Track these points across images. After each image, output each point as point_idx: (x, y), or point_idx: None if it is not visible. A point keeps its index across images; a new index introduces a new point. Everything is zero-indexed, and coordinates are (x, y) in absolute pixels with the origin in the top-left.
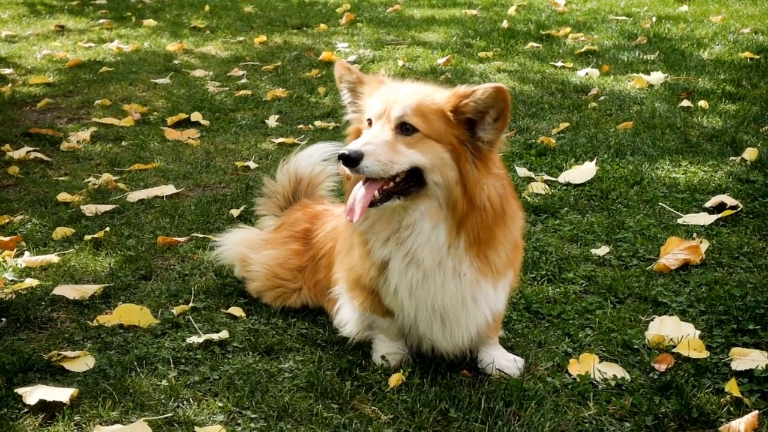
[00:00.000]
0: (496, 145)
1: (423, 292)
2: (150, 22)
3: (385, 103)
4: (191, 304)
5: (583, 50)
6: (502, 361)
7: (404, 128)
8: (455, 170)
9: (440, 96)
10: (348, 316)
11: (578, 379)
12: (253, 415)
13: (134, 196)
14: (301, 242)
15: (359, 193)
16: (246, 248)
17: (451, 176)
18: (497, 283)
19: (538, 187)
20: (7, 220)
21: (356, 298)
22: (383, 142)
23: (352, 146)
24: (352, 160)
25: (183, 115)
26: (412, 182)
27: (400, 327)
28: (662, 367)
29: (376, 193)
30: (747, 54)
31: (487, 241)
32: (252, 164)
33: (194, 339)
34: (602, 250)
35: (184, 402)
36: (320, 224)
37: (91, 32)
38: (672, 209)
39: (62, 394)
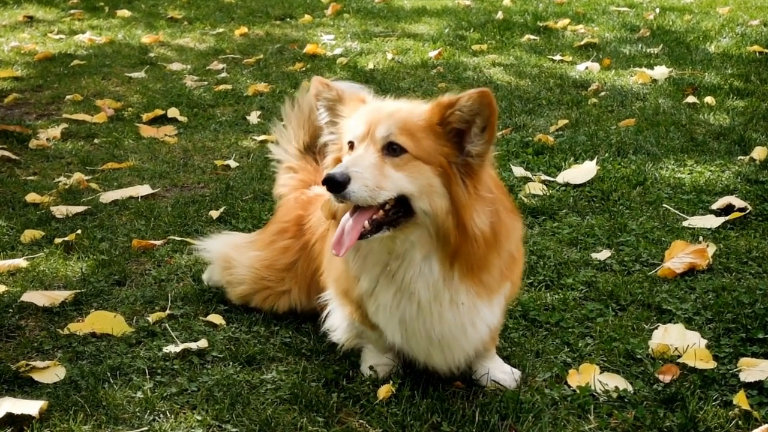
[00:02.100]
0: (486, 158)
1: (419, 324)
2: (124, 12)
3: (369, 123)
4: (168, 312)
5: (582, 43)
6: (498, 372)
7: (391, 149)
8: (446, 198)
9: (424, 109)
10: (338, 323)
11: (578, 391)
12: (234, 429)
13: (107, 196)
14: (292, 232)
15: (348, 224)
16: (230, 249)
17: (440, 205)
18: (492, 301)
19: (535, 188)
20: None
21: (345, 306)
22: (370, 165)
23: (338, 169)
24: (338, 184)
25: (159, 111)
26: (400, 211)
27: (390, 342)
28: (667, 379)
29: (366, 223)
30: (756, 47)
31: (480, 267)
32: (232, 163)
33: (171, 348)
34: (603, 255)
35: (161, 415)
36: (314, 210)
37: (61, 23)
38: (677, 211)
39: (31, 406)
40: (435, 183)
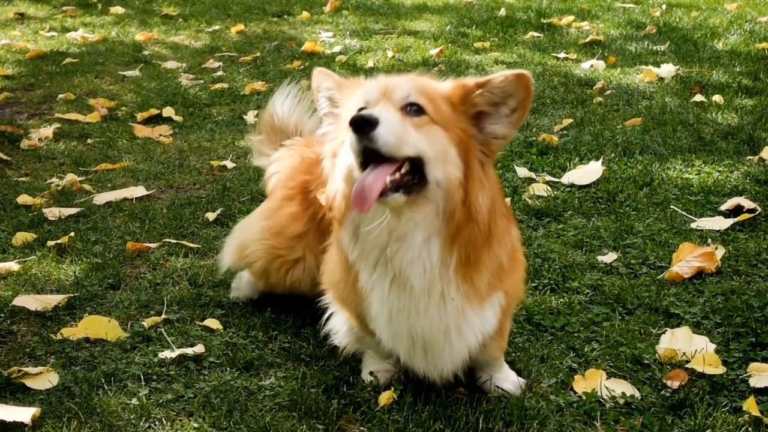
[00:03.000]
0: (508, 140)
1: (402, 318)
2: (117, 9)
3: (383, 87)
4: (163, 316)
5: (587, 40)
6: (504, 383)
7: (410, 109)
8: (459, 170)
9: (444, 85)
10: (339, 326)
11: (584, 397)
12: None
13: (101, 198)
14: (299, 200)
15: (368, 179)
16: (242, 233)
17: (454, 175)
18: (482, 307)
19: (539, 189)
20: None
21: (344, 311)
22: (393, 117)
23: (365, 111)
24: (368, 122)
25: (154, 111)
26: (414, 179)
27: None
28: (675, 384)
29: (387, 179)
30: (764, 45)
31: (474, 262)
32: (229, 163)
33: (167, 354)
34: (609, 257)
35: (156, 422)
36: (321, 171)
37: (53, 20)
38: (684, 213)
39: (23, 413)
40: (451, 152)
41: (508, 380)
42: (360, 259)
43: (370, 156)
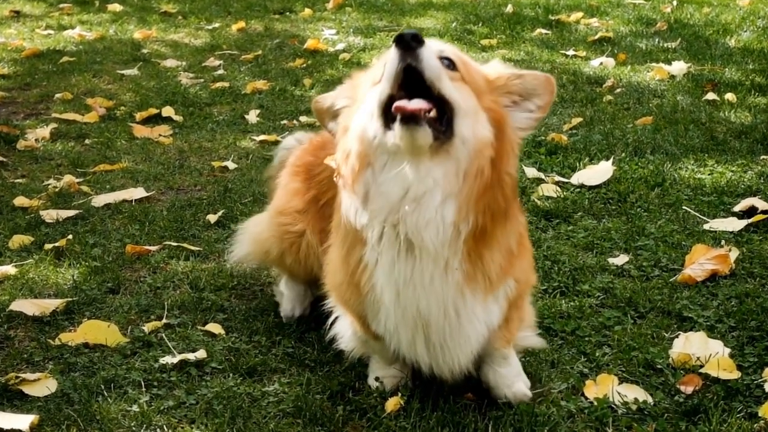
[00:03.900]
0: (526, 133)
1: (409, 292)
2: (115, 6)
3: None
4: (164, 321)
5: (596, 37)
6: (507, 388)
7: (444, 61)
8: (490, 132)
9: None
10: (344, 330)
11: (596, 403)
12: None
13: (99, 200)
14: (302, 178)
15: (405, 101)
16: (255, 226)
17: (483, 135)
18: (491, 293)
19: (548, 189)
20: None
21: (347, 314)
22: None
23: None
24: (416, 38)
25: (153, 110)
26: (442, 126)
27: (392, 351)
28: (689, 390)
29: (425, 104)
30: None
31: (488, 237)
32: (230, 164)
33: (168, 359)
34: (620, 259)
35: (158, 430)
36: (325, 155)
37: (49, 18)
38: (697, 214)
39: (21, 421)
40: (481, 114)
41: (516, 380)
42: (368, 224)
43: (405, 86)
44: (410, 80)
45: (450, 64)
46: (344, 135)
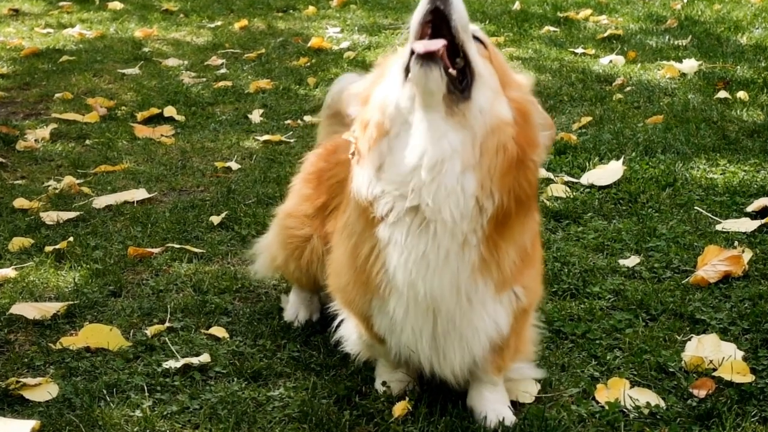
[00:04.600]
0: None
1: (420, 271)
2: (115, 4)
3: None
4: (167, 324)
5: (606, 35)
6: (492, 413)
7: (474, 37)
8: (510, 114)
9: None
10: (350, 332)
11: (607, 407)
12: None
13: (101, 201)
14: (314, 185)
15: (424, 41)
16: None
17: (502, 113)
18: (498, 294)
19: (558, 190)
20: None
21: (352, 317)
22: None
23: None
24: None
25: (155, 110)
26: (463, 82)
27: (394, 353)
28: (701, 393)
29: (442, 45)
30: None
31: (510, 225)
32: (234, 165)
33: (171, 363)
34: (631, 261)
35: None
36: (337, 159)
37: (49, 16)
38: (709, 214)
39: (22, 426)
40: (502, 98)
41: (498, 406)
42: (382, 196)
43: (433, 27)
44: (436, 35)
45: (479, 42)
46: (365, 106)
